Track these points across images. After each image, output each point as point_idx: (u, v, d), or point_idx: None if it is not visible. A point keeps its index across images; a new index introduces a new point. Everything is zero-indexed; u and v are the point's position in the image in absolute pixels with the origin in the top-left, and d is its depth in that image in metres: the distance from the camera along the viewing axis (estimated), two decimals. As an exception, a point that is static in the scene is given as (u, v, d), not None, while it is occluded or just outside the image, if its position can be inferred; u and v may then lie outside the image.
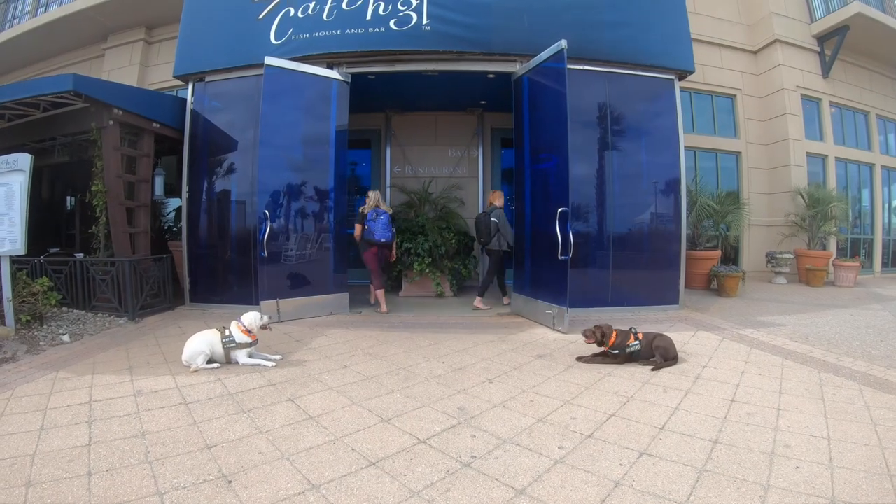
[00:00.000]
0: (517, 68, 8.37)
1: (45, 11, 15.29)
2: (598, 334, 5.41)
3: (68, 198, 12.82)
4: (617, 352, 5.36)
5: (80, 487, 2.83)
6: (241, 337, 5.38)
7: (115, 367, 5.34)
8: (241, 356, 5.36)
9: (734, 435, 3.53)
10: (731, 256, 12.94)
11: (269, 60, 7.80)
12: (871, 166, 14.95)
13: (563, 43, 6.91)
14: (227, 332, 5.39)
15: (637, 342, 5.35)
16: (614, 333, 5.41)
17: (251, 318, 5.52)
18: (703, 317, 7.82)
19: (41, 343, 6.24)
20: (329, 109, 8.49)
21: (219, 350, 5.33)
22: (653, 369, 5.12)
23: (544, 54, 7.42)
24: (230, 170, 9.13)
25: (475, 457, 3.25)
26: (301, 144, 8.34)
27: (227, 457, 3.22)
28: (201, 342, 5.30)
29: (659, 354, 5.27)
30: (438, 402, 4.29)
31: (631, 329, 5.50)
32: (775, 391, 4.46)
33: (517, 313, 8.26)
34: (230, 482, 2.89)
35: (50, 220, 12.15)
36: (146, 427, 3.72)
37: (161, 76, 13.23)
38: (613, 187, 8.60)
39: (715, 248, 11.62)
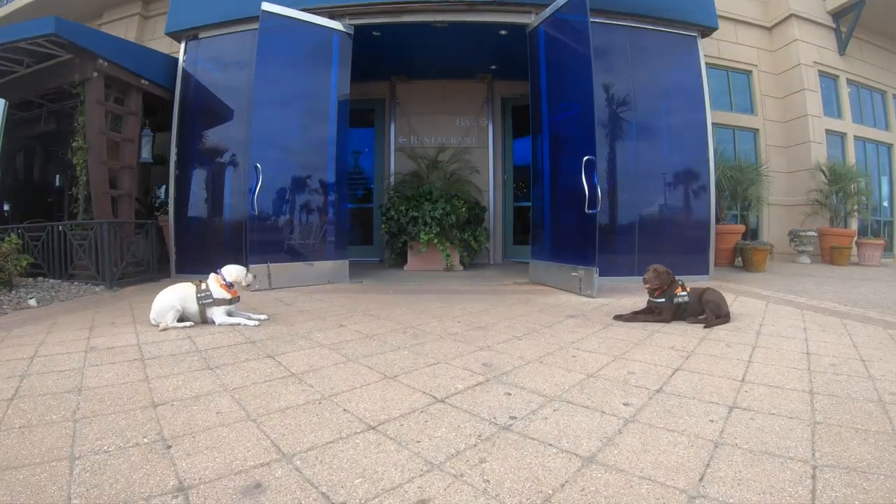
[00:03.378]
0: (532, 19, 7.76)
1: (39, -13, 14.77)
2: (664, 276, 4.80)
3: (57, 175, 12.18)
4: (664, 300, 4.71)
5: None
6: (219, 292, 4.64)
7: (76, 326, 4.69)
8: (217, 314, 4.62)
9: (829, 385, 2.88)
10: (748, 236, 12.31)
11: (265, 6, 7.23)
12: (890, 147, 14.52)
13: (584, -22, 6.33)
14: (203, 286, 4.65)
15: (686, 293, 4.70)
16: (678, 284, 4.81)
17: (234, 271, 4.78)
18: (737, 286, 7.16)
19: (4, 307, 5.63)
20: (330, 63, 7.89)
21: (192, 307, 4.59)
22: (705, 326, 4.46)
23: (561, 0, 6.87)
24: (222, 132, 8.54)
25: (515, 417, 2.46)
26: (299, 99, 7.75)
27: (174, 417, 2.49)
28: (172, 296, 4.55)
29: (709, 310, 4.59)
30: (457, 358, 3.54)
31: (679, 280, 4.84)
32: (849, 345, 3.86)
33: (537, 282, 7.62)
34: (169, 447, 2.15)
35: (39, 199, 11.68)
36: (86, 383, 3.03)
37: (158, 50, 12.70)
38: (635, 151, 7.99)
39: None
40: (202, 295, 4.59)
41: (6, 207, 11.15)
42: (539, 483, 1.83)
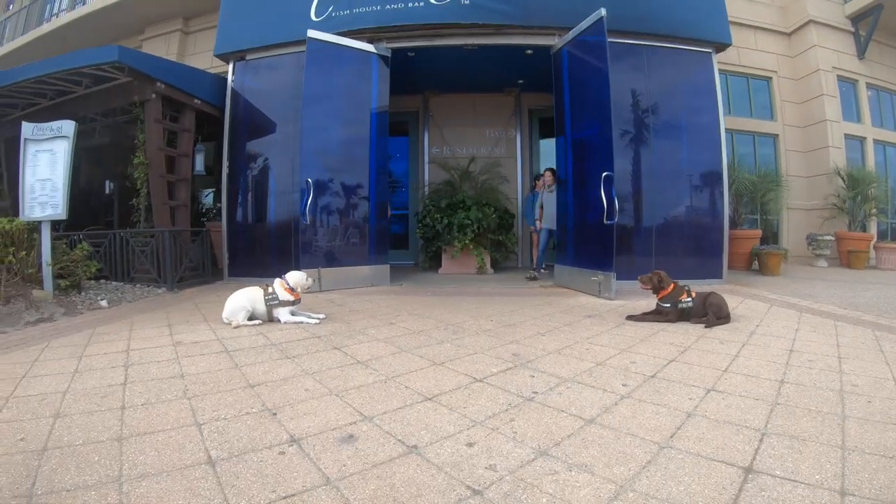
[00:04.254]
0: (556, 41, 8.30)
1: (83, 6, 15.52)
2: (655, 280, 5.38)
3: (107, 182, 12.94)
4: (668, 305, 5.27)
5: (112, 418, 2.77)
6: (284, 294, 5.33)
7: (154, 324, 5.36)
8: (283, 314, 5.30)
9: (800, 376, 3.42)
10: (769, 240, 12.57)
11: (311, 34, 7.87)
12: (911, 151, 14.47)
13: (603, 11, 6.85)
14: (270, 290, 5.35)
15: (690, 299, 5.24)
16: (672, 284, 5.36)
17: (297, 276, 5.49)
18: (748, 289, 7.60)
19: (79, 307, 6.27)
20: (370, 83, 8.52)
21: (261, 307, 5.29)
22: (706, 326, 4.99)
23: (584, 23, 7.35)
24: (268, 145, 9.23)
25: (537, 392, 3.16)
26: (342, 117, 8.37)
27: (271, 394, 3.15)
28: (243, 298, 5.26)
29: (712, 312, 5.12)
30: (491, 350, 4.21)
31: (685, 286, 5.38)
32: (832, 344, 4.34)
33: (561, 284, 8.16)
34: (275, 414, 2.81)
35: (89, 205, 12.19)
36: (185, 370, 3.67)
37: (198, 65, 13.24)
38: (652, 161, 8.46)
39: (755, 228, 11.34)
40: (269, 297, 5.30)
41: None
42: (552, 434, 2.53)
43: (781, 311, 5.97)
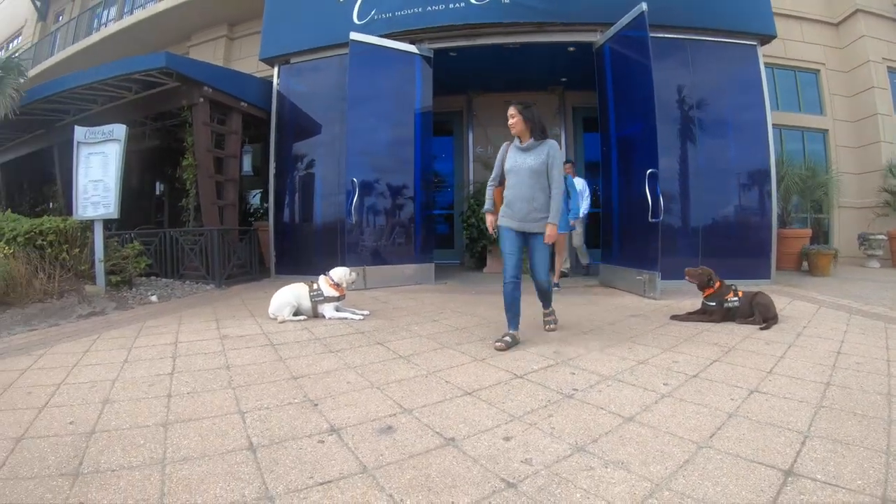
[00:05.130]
0: (598, 38, 8.23)
1: (130, 15, 16.10)
2: (705, 276, 5.29)
3: (157, 183, 13.33)
4: (714, 304, 5.19)
5: (159, 406, 2.91)
6: (329, 290, 5.45)
7: (202, 318, 5.56)
8: (328, 310, 5.42)
9: (846, 379, 3.32)
10: (818, 240, 12.18)
11: (353, 36, 8.03)
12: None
13: (644, 5, 6.78)
14: (315, 286, 5.46)
15: (736, 298, 5.14)
16: (719, 282, 5.27)
17: (340, 272, 5.60)
18: (796, 290, 7.39)
19: (129, 302, 6.54)
20: (414, 83, 8.63)
21: (306, 304, 5.41)
22: (761, 328, 4.84)
23: (625, 19, 7.29)
24: (314, 146, 9.42)
25: (577, 389, 3.16)
26: (387, 118, 8.50)
27: (313, 386, 3.24)
28: (288, 294, 5.40)
29: (759, 312, 5.01)
30: (532, 347, 4.22)
31: (732, 286, 5.29)
32: (882, 347, 4.18)
33: (605, 283, 8.12)
34: (316, 405, 2.90)
35: (140, 206, 12.60)
36: (231, 362, 3.81)
37: (244, 69, 13.48)
38: (698, 159, 8.31)
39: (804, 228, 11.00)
40: (315, 293, 5.42)
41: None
42: (590, 431, 2.53)
43: (830, 312, 5.79)
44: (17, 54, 11.76)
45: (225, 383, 3.29)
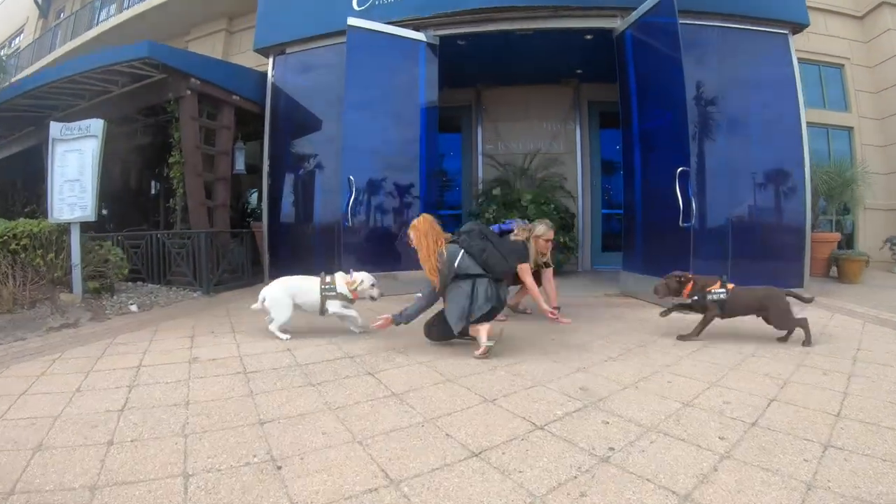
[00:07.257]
0: (618, 24, 7.60)
1: (129, 10, 15.71)
2: (673, 283, 4.86)
3: (153, 182, 12.85)
4: (696, 297, 4.69)
5: (94, 458, 2.39)
6: (343, 288, 4.95)
7: (178, 334, 5.03)
8: (335, 305, 4.91)
9: (937, 426, 2.69)
10: (842, 243, 11.54)
11: (351, 21, 7.45)
12: None
13: (671, -19, 6.18)
14: (328, 279, 4.96)
15: (723, 290, 4.59)
16: (691, 279, 4.78)
17: (364, 276, 5.12)
18: (832, 301, 6.73)
19: (107, 311, 6.00)
20: (417, 74, 8.04)
21: (309, 299, 4.91)
22: (779, 339, 4.48)
23: (648, 3, 6.74)
24: (311, 143, 8.88)
25: (613, 449, 2.45)
26: (388, 110, 7.93)
27: (281, 435, 2.61)
28: (281, 291, 4.94)
29: (804, 330, 4.44)
30: (554, 381, 3.52)
31: (715, 277, 4.73)
32: None
33: (626, 293, 7.45)
34: (279, 468, 2.26)
35: (138, 205, 12.31)
36: (193, 396, 3.23)
37: (244, 63, 13.06)
38: (724, 156, 7.65)
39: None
40: (327, 287, 4.89)
41: (104, 212, 11.82)
42: None
43: (877, 329, 5.19)
44: (1, 52, 11.40)
45: (178, 428, 2.70)
